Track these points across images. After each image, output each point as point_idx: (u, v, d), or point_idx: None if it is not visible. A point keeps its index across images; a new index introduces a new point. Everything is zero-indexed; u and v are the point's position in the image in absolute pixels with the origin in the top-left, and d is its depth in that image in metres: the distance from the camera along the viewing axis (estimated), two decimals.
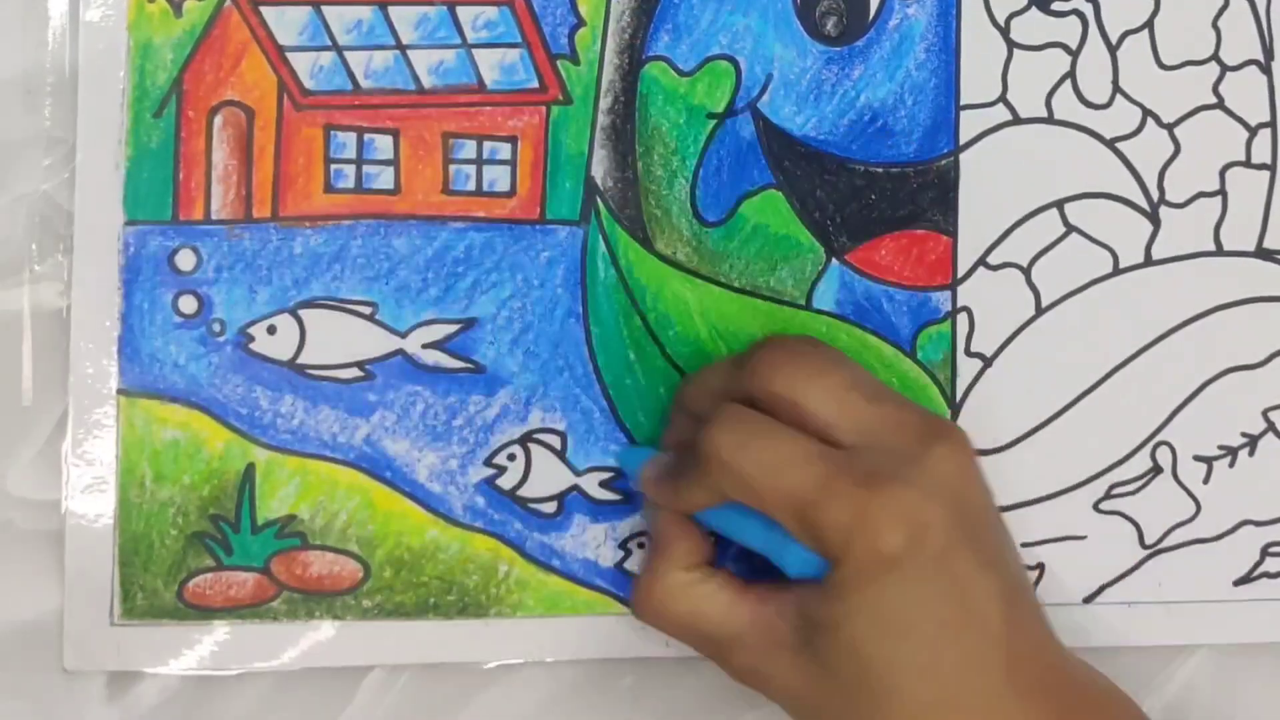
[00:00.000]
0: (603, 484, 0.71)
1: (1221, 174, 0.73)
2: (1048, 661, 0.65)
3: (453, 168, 0.69)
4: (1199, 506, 0.73)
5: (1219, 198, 0.73)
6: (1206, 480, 0.73)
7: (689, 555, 0.67)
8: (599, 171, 0.70)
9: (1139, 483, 0.73)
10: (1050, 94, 0.72)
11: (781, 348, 0.66)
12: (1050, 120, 0.72)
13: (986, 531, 0.65)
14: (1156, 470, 0.73)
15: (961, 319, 0.72)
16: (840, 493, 0.62)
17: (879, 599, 0.62)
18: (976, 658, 0.63)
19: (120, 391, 0.69)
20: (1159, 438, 0.73)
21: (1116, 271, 0.73)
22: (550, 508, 0.70)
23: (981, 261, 0.72)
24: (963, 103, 0.71)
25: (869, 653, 0.63)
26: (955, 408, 0.72)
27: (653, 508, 0.68)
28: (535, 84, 0.70)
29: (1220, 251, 0.73)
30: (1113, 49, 0.72)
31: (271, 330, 0.69)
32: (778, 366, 0.65)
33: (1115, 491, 0.73)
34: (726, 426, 0.64)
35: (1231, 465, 0.73)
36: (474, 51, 0.69)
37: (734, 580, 0.67)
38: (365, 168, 0.69)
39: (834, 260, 0.71)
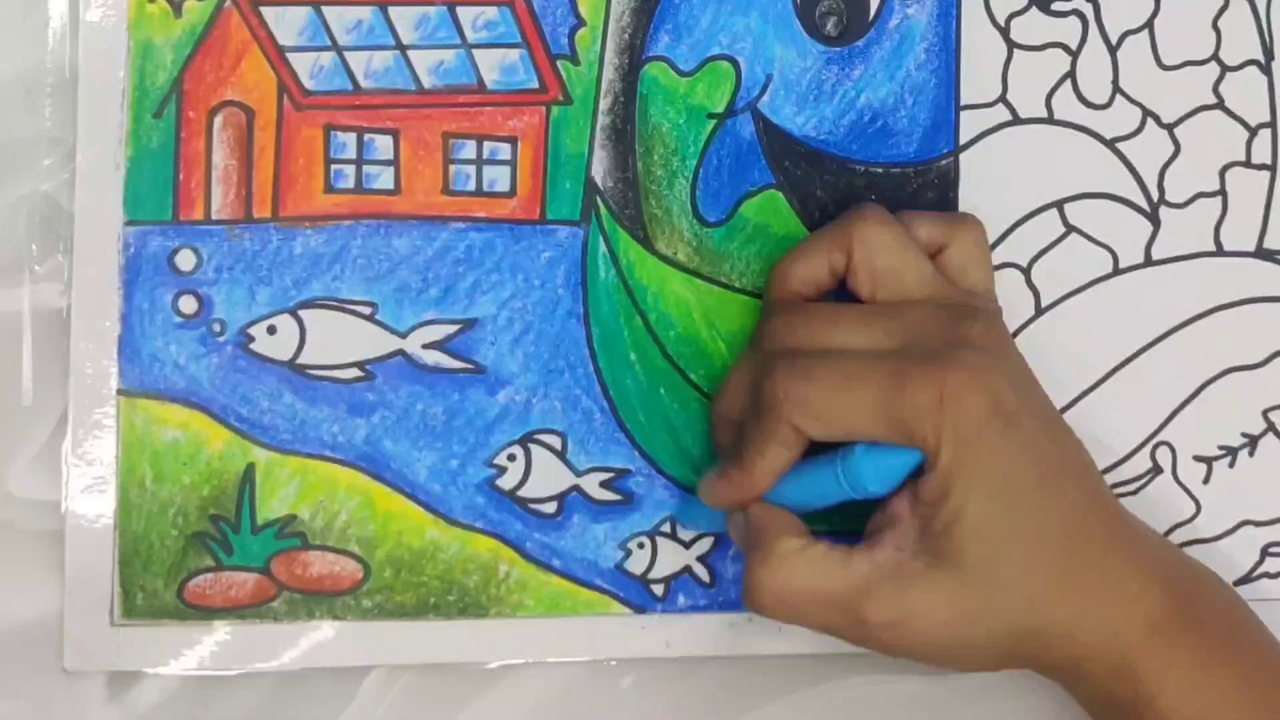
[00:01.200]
0: (603, 484, 0.71)
1: (1221, 174, 0.73)
2: (1130, 515, 0.67)
3: (453, 168, 0.69)
4: (1199, 507, 0.73)
5: (1219, 198, 0.73)
6: (1206, 480, 0.73)
7: (790, 526, 0.66)
8: (599, 172, 0.70)
9: (1139, 483, 0.73)
10: (1050, 94, 0.72)
11: (787, 311, 0.67)
12: (1050, 120, 0.72)
13: (1040, 392, 0.66)
14: (1156, 470, 0.73)
15: None
16: (914, 377, 0.63)
17: (983, 467, 0.63)
18: (1078, 509, 0.64)
19: (120, 392, 0.69)
20: (1159, 438, 0.73)
21: (1116, 272, 0.73)
22: (550, 508, 0.70)
23: None
24: (963, 103, 0.71)
25: (993, 531, 0.63)
26: None
27: (733, 520, 0.67)
28: (535, 84, 0.70)
29: (1220, 252, 0.73)
30: (1113, 49, 0.72)
31: (272, 330, 0.69)
32: (793, 324, 0.66)
33: (1115, 491, 0.72)
34: (784, 368, 0.64)
35: (1231, 465, 0.73)
36: (474, 52, 0.69)
37: (839, 545, 0.66)
38: (365, 168, 0.69)
39: None
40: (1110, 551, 0.65)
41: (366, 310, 0.69)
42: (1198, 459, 0.73)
